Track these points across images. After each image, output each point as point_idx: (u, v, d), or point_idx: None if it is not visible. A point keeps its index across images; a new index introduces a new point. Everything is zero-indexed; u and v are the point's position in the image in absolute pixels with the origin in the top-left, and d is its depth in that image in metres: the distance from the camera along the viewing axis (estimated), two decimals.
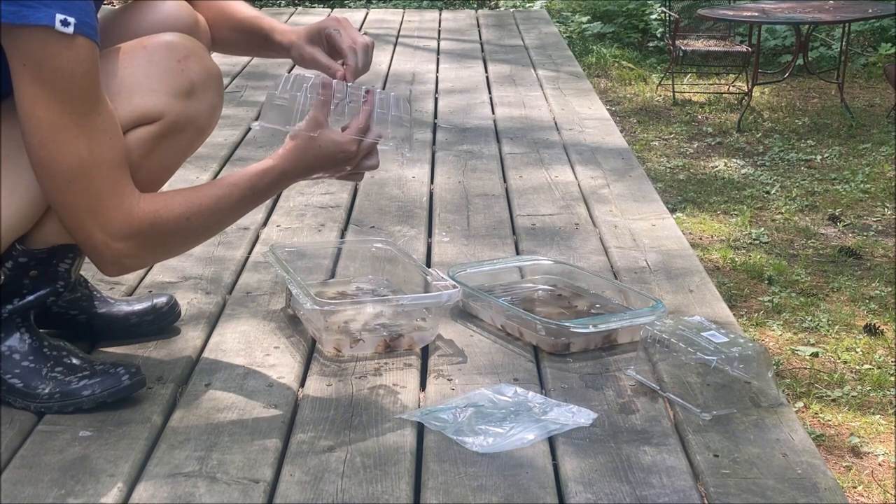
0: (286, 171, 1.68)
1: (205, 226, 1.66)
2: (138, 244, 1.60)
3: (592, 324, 1.94)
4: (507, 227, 2.65)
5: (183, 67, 1.65)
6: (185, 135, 1.69)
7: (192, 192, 1.64)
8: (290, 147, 1.67)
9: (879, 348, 3.25)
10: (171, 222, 1.61)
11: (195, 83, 1.67)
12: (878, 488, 2.49)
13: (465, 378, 1.84)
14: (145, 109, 1.63)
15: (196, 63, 1.67)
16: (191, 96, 1.66)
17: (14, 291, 1.70)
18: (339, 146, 1.67)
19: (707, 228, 4.32)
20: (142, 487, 1.50)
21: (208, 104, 1.70)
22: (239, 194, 1.66)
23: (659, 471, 1.55)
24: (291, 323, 2.04)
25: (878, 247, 4.16)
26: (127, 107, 1.61)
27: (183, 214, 1.61)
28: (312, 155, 1.67)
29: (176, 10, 1.85)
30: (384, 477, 1.53)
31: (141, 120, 1.63)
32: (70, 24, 1.46)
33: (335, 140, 1.67)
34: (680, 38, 6.76)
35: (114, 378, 1.69)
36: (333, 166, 1.71)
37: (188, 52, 1.67)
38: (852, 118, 6.03)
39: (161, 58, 1.65)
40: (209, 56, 1.73)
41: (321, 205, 2.80)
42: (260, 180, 1.67)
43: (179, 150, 1.72)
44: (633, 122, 6.13)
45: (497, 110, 3.98)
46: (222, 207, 1.65)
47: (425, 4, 9.45)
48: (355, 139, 1.68)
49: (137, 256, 1.63)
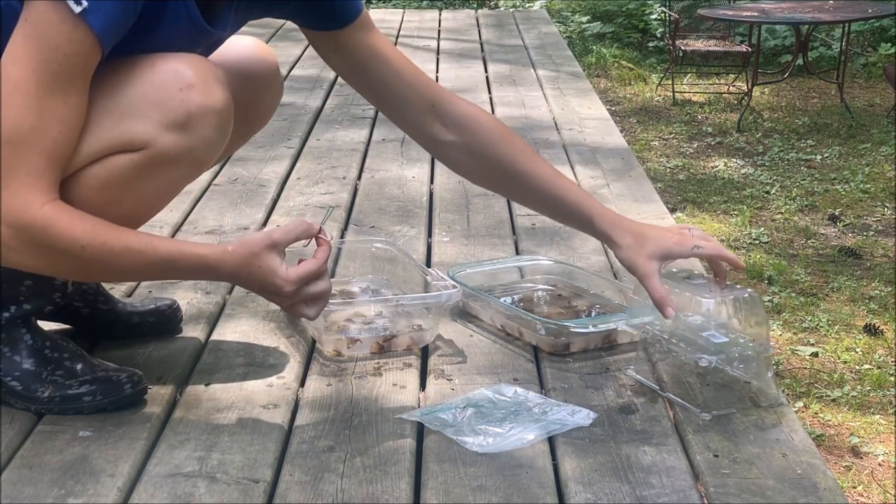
0: (214, 269, 1.58)
1: (99, 265, 1.53)
2: (21, 241, 1.47)
3: (592, 324, 1.94)
4: (506, 227, 2.65)
5: (183, 97, 1.54)
6: (176, 168, 1.59)
7: (105, 227, 1.51)
8: (232, 251, 1.57)
9: (879, 348, 3.25)
10: (63, 240, 1.48)
11: (192, 115, 1.55)
12: (878, 488, 2.49)
13: (465, 378, 1.84)
14: (131, 135, 1.54)
15: (199, 94, 1.55)
16: (185, 129, 1.55)
17: (11, 298, 1.68)
18: (275, 279, 1.58)
19: (707, 228, 4.32)
20: (142, 487, 1.50)
21: (205, 139, 1.58)
22: (153, 258, 1.54)
23: (659, 471, 1.55)
24: (291, 323, 2.04)
25: (878, 247, 4.16)
26: (115, 127, 1.54)
27: (80, 240, 1.48)
28: (246, 271, 1.58)
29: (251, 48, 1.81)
30: (384, 477, 1.53)
31: (126, 146, 1.54)
32: (82, 6, 1.42)
33: (274, 270, 1.58)
34: (680, 38, 6.76)
35: (116, 385, 1.69)
36: (264, 293, 1.62)
37: (194, 82, 1.55)
38: (852, 118, 6.03)
39: (163, 83, 1.55)
40: (219, 87, 1.59)
41: (321, 205, 2.80)
42: (184, 261, 1.56)
43: (170, 182, 1.63)
44: (633, 122, 6.13)
45: (497, 110, 3.98)
46: (126, 259, 1.52)
47: (425, 4, 9.46)
48: (293, 282, 1.58)
49: (17, 251, 1.49)
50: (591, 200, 1.84)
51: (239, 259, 1.57)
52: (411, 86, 1.81)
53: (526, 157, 1.83)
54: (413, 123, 1.84)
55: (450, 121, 1.82)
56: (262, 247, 1.57)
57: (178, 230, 2.55)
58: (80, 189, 1.54)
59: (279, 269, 1.58)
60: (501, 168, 1.84)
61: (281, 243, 1.59)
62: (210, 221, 2.61)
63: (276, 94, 1.93)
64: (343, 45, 1.77)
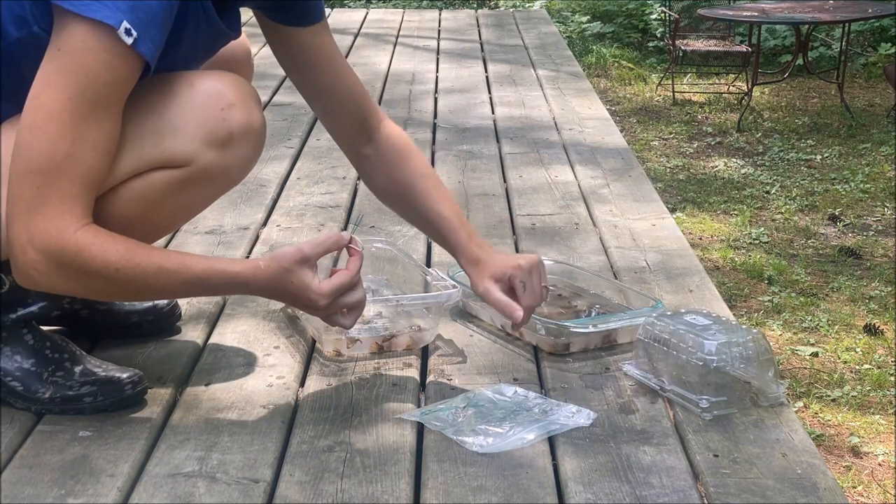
0: (247, 286, 1.59)
1: (133, 286, 1.53)
2: (53, 266, 1.49)
3: (592, 324, 1.94)
4: (506, 226, 2.65)
5: (225, 116, 1.58)
6: (212, 184, 1.64)
7: (138, 248, 1.52)
8: (264, 267, 1.58)
9: (879, 348, 3.25)
10: (97, 263, 1.49)
11: (234, 134, 1.60)
12: (878, 488, 2.49)
13: (465, 378, 1.84)
14: (174, 153, 1.57)
15: (240, 114, 1.60)
16: (226, 147, 1.59)
17: (17, 301, 1.69)
18: (308, 293, 1.59)
19: (707, 228, 4.32)
20: (141, 487, 1.50)
21: (242, 157, 1.64)
22: (186, 278, 1.54)
23: (659, 471, 1.55)
24: (291, 323, 2.04)
25: (878, 247, 4.16)
26: (158, 146, 1.56)
27: (113, 263, 1.50)
28: (282, 286, 1.59)
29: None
30: (384, 477, 1.53)
31: (167, 162, 1.57)
32: (132, 36, 1.44)
33: (308, 285, 1.58)
34: (680, 37, 6.76)
35: (116, 386, 1.69)
36: (300, 306, 1.65)
37: (234, 101, 1.60)
38: (852, 118, 6.03)
39: (205, 102, 1.58)
40: (256, 107, 1.65)
41: (321, 204, 2.80)
42: (216, 279, 1.56)
43: (205, 197, 1.68)
44: (633, 122, 6.13)
45: (497, 110, 3.98)
46: (160, 280, 1.53)
47: (425, 4, 9.46)
48: (327, 295, 1.59)
49: (47, 276, 1.50)
50: (458, 235, 1.84)
51: (271, 275, 1.58)
52: (353, 98, 1.86)
53: (421, 183, 1.88)
54: (343, 133, 1.90)
55: (374, 138, 1.88)
56: (294, 262, 1.58)
57: (178, 229, 2.55)
58: (115, 201, 1.57)
59: (312, 283, 1.58)
60: (398, 189, 1.89)
61: (312, 257, 1.59)
62: (210, 221, 2.61)
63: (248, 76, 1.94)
64: (302, 43, 1.80)
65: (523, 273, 1.77)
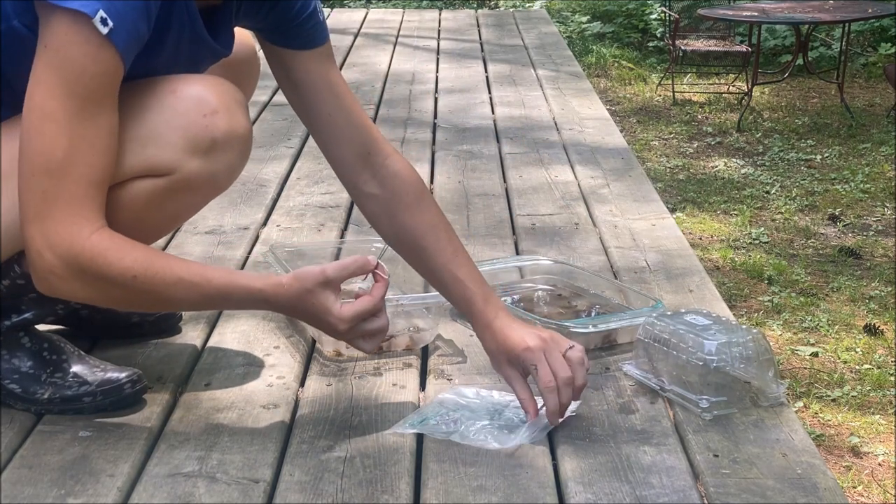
0: (268, 303, 1.55)
1: (150, 295, 1.50)
2: (71, 271, 1.46)
3: (592, 324, 1.94)
4: (506, 226, 2.65)
5: (207, 123, 1.54)
6: (197, 192, 1.60)
7: (157, 257, 1.50)
8: (287, 284, 1.53)
9: (879, 348, 3.25)
10: (114, 270, 1.46)
11: (217, 141, 1.55)
12: (878, 488, 2.49)
13: (465, 378, 1.84)
14: (156, 162, 1.53)
15: (223, 120, 1.55)
16: (210, 155, 1.55)
17: (13, 308, 1.68)
18: (328, 317, 1.54)
19: (707, 228, 4.32)
20: (141, 487, 1.50)
21: (227, 164, 1.59)
22: (207, 291, 1.51)
23: (659, 471, 1.55)
24: (291, 323, 2.04)
25: (878, 247, 4.16)
26: (139, 154, 1.53)
27: (131, 270, 1.47)
28: (302, 306, 1.55)
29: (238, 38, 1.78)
30: (384, 477, 1.53)
31: (150, 171, 1.54)
32: (108, 26, 1.41)
33: (328, 308, 1.54)
34: (680, 37, 6.76)
35: (115, 386, 1.69)
36: (320, 327, 1.59)
37: (217, 108, 1.55)
38: (852, 118, 6.03)
39: (187, 109, 1.54)
40: (241, 112, 1.60)
41: (321, 205, 2.80)
42: (238, 294, 1.53)
43: (191, 205, 1.64)
44: (633, 122, 6.13)
45: (497, 110, 3.98)
46: (179, 291, 1.50)
47: (425, 4, 9.46)
48: (347, 321, 1.54)
49: (66, 281, 1.47)
50: (474, 301, 1.71)
51: (293, 294, 1.54)
52: (354, 128, 1.76)
53: (433, 236, 1.75)
54: (343, 164, 1.79)
55: (379, 174, 1.77)
56: (316, 283, 1.54)
57: (178, 230, 2.55)
58: None
59: (333, 308, 1.54)
60: (408, 239, 1.78)
61: (335, 280, 1.55)
62: (210, 221, 2.61)
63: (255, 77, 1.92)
64: (304, 66, 1.73)
65: (534, 356, 1.63)
